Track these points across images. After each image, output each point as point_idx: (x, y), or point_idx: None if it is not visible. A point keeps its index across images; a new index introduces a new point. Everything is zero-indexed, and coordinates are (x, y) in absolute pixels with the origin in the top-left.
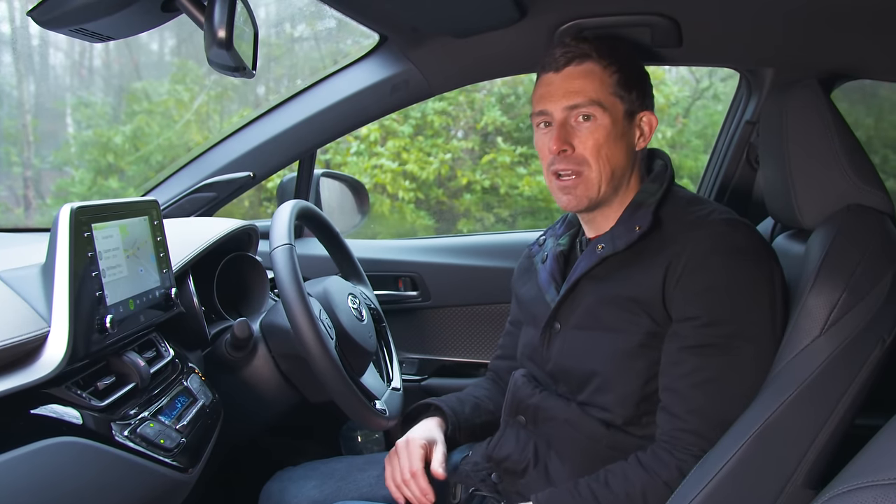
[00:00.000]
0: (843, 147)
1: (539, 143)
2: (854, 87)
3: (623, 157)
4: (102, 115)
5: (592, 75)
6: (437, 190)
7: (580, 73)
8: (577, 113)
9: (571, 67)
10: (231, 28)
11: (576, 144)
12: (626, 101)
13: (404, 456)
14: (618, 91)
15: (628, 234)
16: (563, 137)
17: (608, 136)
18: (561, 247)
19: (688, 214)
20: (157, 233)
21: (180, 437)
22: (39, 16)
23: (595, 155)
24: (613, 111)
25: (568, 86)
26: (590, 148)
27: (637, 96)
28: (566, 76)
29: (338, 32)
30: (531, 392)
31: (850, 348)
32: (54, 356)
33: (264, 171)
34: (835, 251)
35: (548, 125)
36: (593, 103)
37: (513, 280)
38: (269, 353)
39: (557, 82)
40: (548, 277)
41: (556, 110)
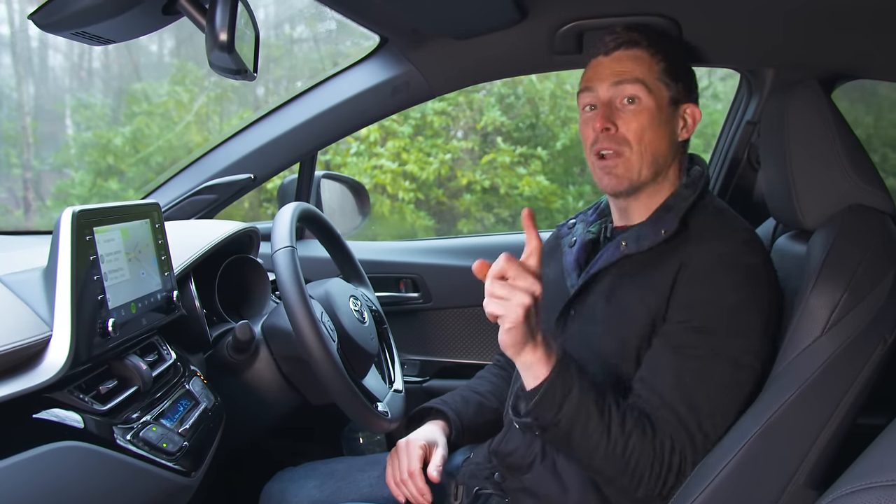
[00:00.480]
0: (844, 147)
1: (583, 125)
2: (854, 86)
3: (665, 144)
4: (102, 116)
5: (640, 60)
6: (437, 190)
7: (628, 56)
8: (622, 94)
9: (620, 51)
10: (233, 31)
11: (619, 125)
12: (671, 88)
13: (403, 456)
14: (664, 78)
15: (654, 236)
16: (608, 116)
17: (652, 120)
18: (591, 234)
19: (711, 224)
20: (159, 236)
21: (183, 440)
22: (41, 19)
23: (638, 138)
24: (658, 96)
25: (615, 66)
26: (633, 130)
27: (683, 88)
28: (615, 59)
29: (337, 34)
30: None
31: (852, 348)
32: (56, 360)
33: (265, 173)
34: (836, 251)
35: (593, 108)
36: (639, 82)
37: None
38: (270, 356)
39: (606, 63)
40: (573, 263)
41: (602, 88)
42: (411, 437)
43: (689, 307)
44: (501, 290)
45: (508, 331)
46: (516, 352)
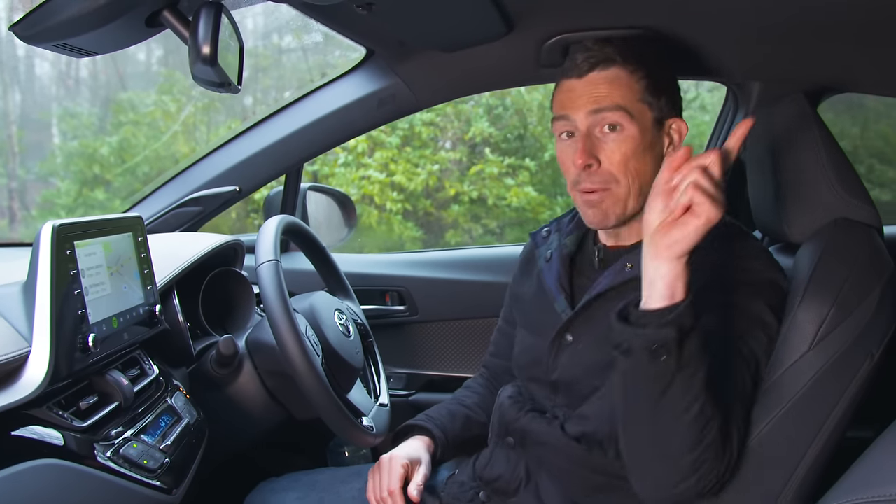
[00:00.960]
0: (831, 161)
1: (561, 154)
2: (840, 98)
3: (652, 169)
4: (88, 125)
5: (618, 81)
6: (424, 201)
7: (605, 78)
8: (603, 121)
9: (595, 73)
10: (216, 44)
11: (602, 158)
12: (654, 107)
13: (385, 473)
14: (646, 97)
15: None
16: (589, 150)
17: (637, 147)
18: (568, 248)
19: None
20: (142, 249)
21: (164, 457)
22: (22, 31)
23: (623, 170)
24: (642, 120)
25: (592, 91)
26: (617, 162)
27: (666, 102)
28: (590, 82)
29: (325, 45)
30: (517, 415)
31: (840, 363)
32: (35, 376)
33: (251, 185)
34: (823, 266)
35: (570, 135)
36: (619, 109)
37: (513, 276)
38: (254, 370)
39: (580, 88)
40: (555, 283)
41: (580, 116)
42: (394, 453)
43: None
44: (708, 183)
45: (701, 226)
46: (681, 254)
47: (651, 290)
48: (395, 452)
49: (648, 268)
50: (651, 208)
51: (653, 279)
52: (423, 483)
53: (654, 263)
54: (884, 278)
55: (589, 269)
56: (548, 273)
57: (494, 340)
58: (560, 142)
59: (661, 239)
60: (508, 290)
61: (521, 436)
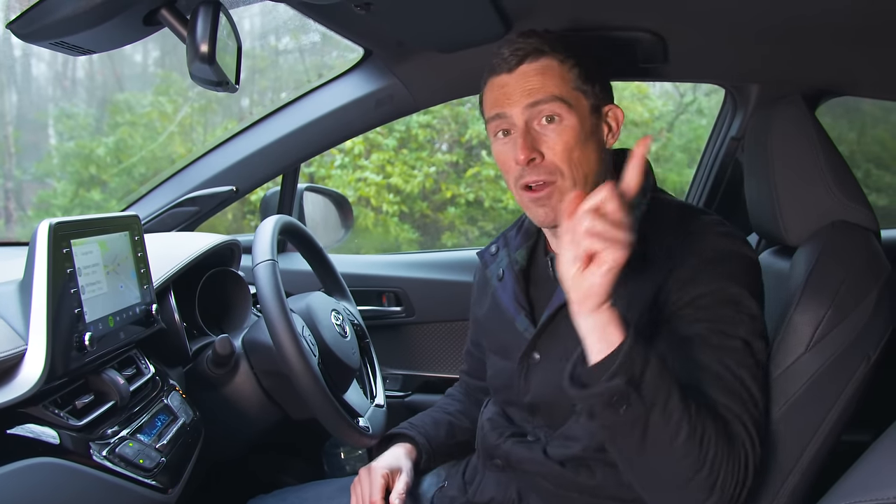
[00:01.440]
0: (828, 164)
1: (500, 154)
2: (837, 102)
3: (595, 157)
4: (85, 126)
5: (550, 71)
6: (421, 203)
7: (536, 70)
8: (540, 113)
9: (526, 65)
10: (214, 42)
11: (544, 151)
12: (590, 95)
13: (366, 484)
14: (580, 85)
15: None
16: (530, 144)
17: (577, 136)
18: (518, 264)
19: (678, 224)
20: (138, 248)
21: (160, 456)
22: (19, 28)
23: (567, 160)
24: (579, 108)
25: (523, 83)
26: (560, 153)
27: (600, 89)
28: (521, 75)
29: (322, 46)
30: (497, 440)
31: (836, 365)
32: (31, 375)
33: (248, 186)
34: (820, 268)
35: (506, 133)
36: (556, 100)
37: (472, 297)
38: (251, 370)
39: (512, 83)
40: (512, 302)
41: (516, 112)
42: (374, 464)
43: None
44: (602, 225)
45: (606, 273)
46: (599, 303)
47: (588, 344)
48: (374, 464)
49: (577, 324)
50: (562, 262)
51: (584, 334)
52: (405, 491)
53: (579, 318)
54: (881, 281)
55: (544, 282)
56: (503, 292)
57: (466, 359)
58: (497, 142)
59: (576, 293)
60: (471, 313)
61: (505, 457)
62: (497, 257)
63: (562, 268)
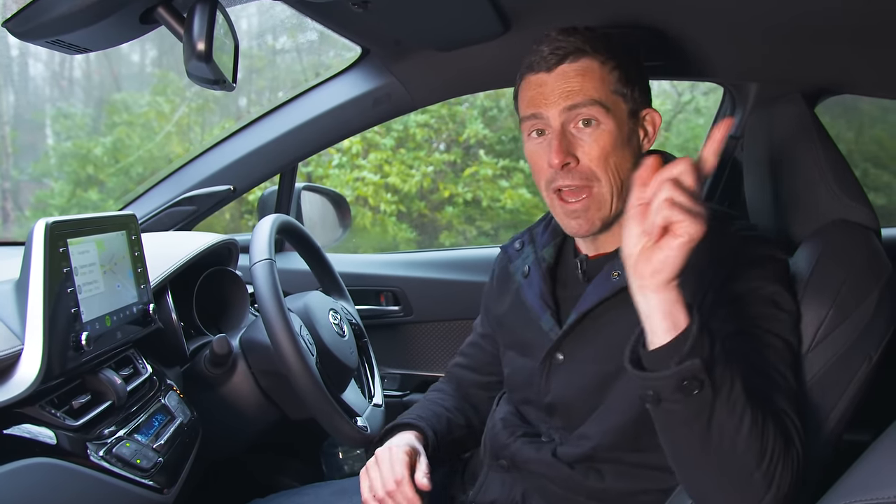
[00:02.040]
0: (828, 162)
1: (533, 154)
2: (835, 101)
3: (631, 163)
4: (82, 126)
5: (591, 73)
6: (419, 202)
7: (576, 71)
8: (577, 116)
9: (566, 66)
10: (211, 40)
11: (580, 155)
12: (628, 99)
13: (386, 465)
14: (619, 89)
15: None
16: (565, 148)
17: (615, 141)
18: (546, 261)
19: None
20: (135, 248)
21: (157, 456)
22: (15, 27)
23: (603, 166)
24: (617, 112)
25: (563, 84)
26: (596, 158)
27: (639, 92)
28: (560, 75)
29: (320, 45)
30: (507, 440)
31: (838, 365)
32: (28, 375)
33: (245, 185)
34: (821, 268)
35: (541, 133)
36: (595, 104)
37: (486, 290)
38: (248, 370)
39: (551, 82)
40: (538, 300)
41: (553, 114)
42: (393, 442)
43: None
44: (682, 197)
45: (682, 245)
46: (668, 279)
47: (651, 324)
48: (393, 442)
49: (639, 302)
50: (627, 236)
51: (648, 314)
52: (429, 472)
53: (643, 296)
54: (882, 280)
55: (573, 282)
56: (528, 289)
57: (467, 353)
58: (530, 141)
59: (643, 267)
60: (483, 305)
61: (511, 458)
62: (522, 253)
63: (628, 242)
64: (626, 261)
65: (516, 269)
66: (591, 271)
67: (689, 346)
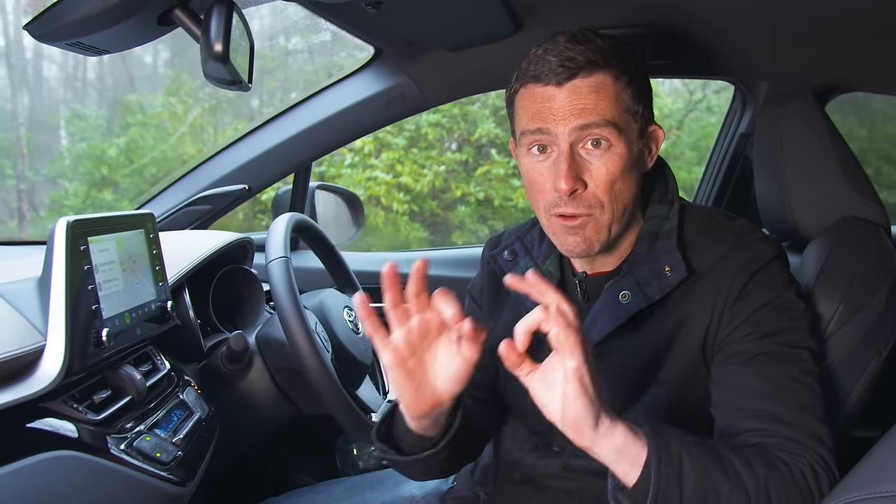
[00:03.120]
0: (839, 159)
1: (532, 172)
2: (847, 99)
3: (636, 186)
4: (96, 127)
5: (605, 90)
6: (431, 202)
7: (590, 87)
8: (588, 137)
9: (578, 80)
10: (227, 42)
11: (587, 180)
12: (638, 118)
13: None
14: (632, 106)
15: (658, 279)
16: (574, 173)
17: (623, 165)
18: (554, 276)
19: (713, 236)
20: (153, 246)
21: (176, 450)
22: (36, 29)
23: (608, 192)
24: (628, 133)
25: (576, 102)
26: (603, 184)
27: (646, 109)
28: (572, 90)
29: (332, 45)
30: (518, 454)
31: (848, 360)
32: (50, 370)
33: (260, 184)
34: (831, 264)
35: (543, 150)
36: (609, 125)
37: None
38: (265, 366)
39: (561, 98)
40: None
41: (563, 131)
42: None
43: (742, 324)
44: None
45: (576, 380)
46: (591, 428)
47: (616, 462)
48: None
49: (596, 454)
50: (543, 402)
51: (607, 461)
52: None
53: (595, 451)
54: (892, 276)
55: (573, 300)
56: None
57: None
58: (530, 157)
59: (569, 427)
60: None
61: (524, 473)
62: (517, 264)
63: (547, 408)
64: (561, 426)
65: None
66: (591, 290)
67: (653, 486)
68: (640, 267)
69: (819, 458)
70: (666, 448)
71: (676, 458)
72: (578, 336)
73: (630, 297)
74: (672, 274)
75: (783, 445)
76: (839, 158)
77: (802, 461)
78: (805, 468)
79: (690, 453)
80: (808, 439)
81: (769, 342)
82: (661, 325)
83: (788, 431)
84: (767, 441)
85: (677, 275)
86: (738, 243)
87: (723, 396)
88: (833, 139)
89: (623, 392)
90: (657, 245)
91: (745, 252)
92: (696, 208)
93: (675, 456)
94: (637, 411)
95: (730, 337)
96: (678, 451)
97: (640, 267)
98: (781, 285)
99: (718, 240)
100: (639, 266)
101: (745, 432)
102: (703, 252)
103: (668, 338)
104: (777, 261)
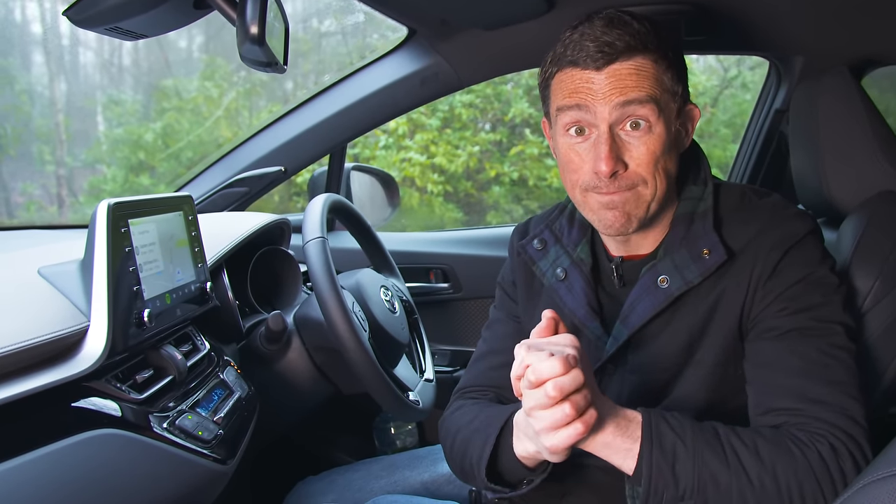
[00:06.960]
0: (875, 134)
1: (569, 152)
2: (884, 74)
3: (675, 166)
4: (133, 112)
5: (646, 70)
6: (465, 182)
7: (629, 70)
8: (628, 117)
9: (617, 65)
10: (263, 24)
11: (627, 161)
12: (677, 98)
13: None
14: (672, 87)
15: (696, 262)
16: (616, 154)
17: (663, 145)
18: (587, 263)
19: (748, 214)
20: (192, 228)
21: (218, 428)
22: (74, 15)
23: (651, 171)
24: (668, 114)
25: (615, 81)
26: (645, 163)
27: (684, 90)
28: (612, 73)
29: (365, 27)
30: None
31: (885, 336)
32: (94, 350)
33: (295, 166)
34: (867, 239)
35: (581, 132)
36: (651, 101)
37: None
38: (303, 346)
39: (601, 80)
40: (584, 308)
41: (602, 109)
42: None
43: (776, 300)
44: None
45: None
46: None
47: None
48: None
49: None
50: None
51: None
52: None
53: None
54: None
55: (609, 284)
56: (568, 294)
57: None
58: (567, 138)
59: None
60: (506, 313)
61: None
62: (547, 253)
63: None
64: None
65: (545, 272)
66: (628, 275)
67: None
68: (678, 250)
69: (845, 436)
70: (659, 441)
71: (670, 449)
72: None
73: (669, 281)
74: (711, 256)
75: (806, 426)
76: (876, 133)
77: (822, 442)
78: (824, 449)
79: (686, 444)
80: (838, 417)
81: (802, 317)
82: (699, 306)
83: (816, 410)
84: (791, 421)
85: (717, 257)
86: (772, 220)
87: (755, 373)
88: (869, 114)
89: (660, 377)
90: (693, 227)
91: (780, 228)
92: (729, 187)
93: (669, 448)
94: (673, 399)
95: (763, 313)
96: (672, 443)
97: (678, 250)
98: (816, 261)
99: (753, 217)
100: (676, 249)
101: (772, 412)
102: (738, 231)
103: (705, 319)
104: (811, 236)
